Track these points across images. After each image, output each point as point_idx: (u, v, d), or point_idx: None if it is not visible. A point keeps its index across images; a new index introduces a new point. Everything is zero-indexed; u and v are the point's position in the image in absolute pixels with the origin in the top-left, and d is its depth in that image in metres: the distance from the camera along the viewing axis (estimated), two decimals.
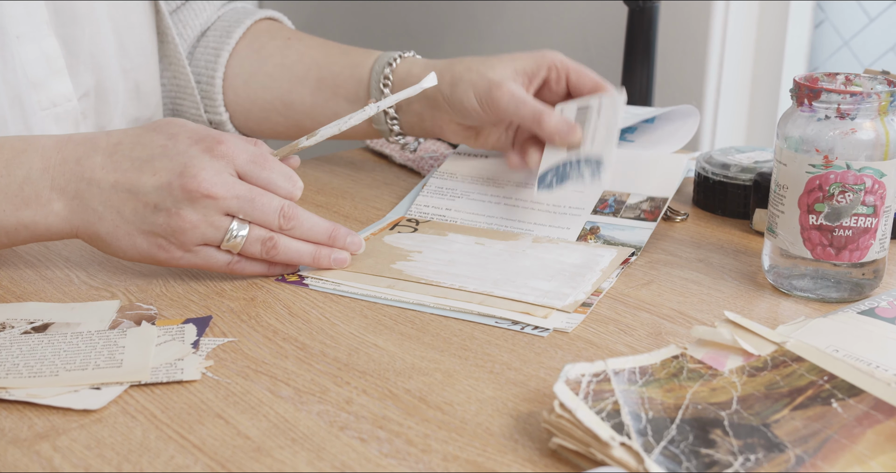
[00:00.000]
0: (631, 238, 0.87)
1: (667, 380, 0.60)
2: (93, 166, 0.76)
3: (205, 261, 0.76)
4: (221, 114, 1.07)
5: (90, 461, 0.56)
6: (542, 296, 0.76)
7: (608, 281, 0.80)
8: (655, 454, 0.54)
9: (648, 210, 0.90)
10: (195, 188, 0.74)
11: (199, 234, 0.75)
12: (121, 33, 1.00)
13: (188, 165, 0.74)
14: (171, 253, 0.76)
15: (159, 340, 0.69)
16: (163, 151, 0.76)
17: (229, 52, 1.06)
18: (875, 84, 0.76)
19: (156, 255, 0.76)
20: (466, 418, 0.61)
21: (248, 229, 0.76)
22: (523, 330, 0.72)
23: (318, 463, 0.56)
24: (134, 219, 0.75)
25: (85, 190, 0.76)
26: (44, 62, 0.92)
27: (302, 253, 0.79)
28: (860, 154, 0.74)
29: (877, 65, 1.46)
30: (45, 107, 0.93)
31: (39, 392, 0.62)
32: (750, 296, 0.78)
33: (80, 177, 0.76)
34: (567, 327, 0.72)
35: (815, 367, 0.61)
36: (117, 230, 0.75)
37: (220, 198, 0.74)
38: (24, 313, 0.73)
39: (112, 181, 0.75)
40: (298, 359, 0.67)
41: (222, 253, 0.77)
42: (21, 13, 0.90)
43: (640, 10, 1.32)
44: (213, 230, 0.75)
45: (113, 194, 0.75)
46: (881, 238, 0.76)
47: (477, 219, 0.92)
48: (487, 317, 0.74)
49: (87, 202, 0.76)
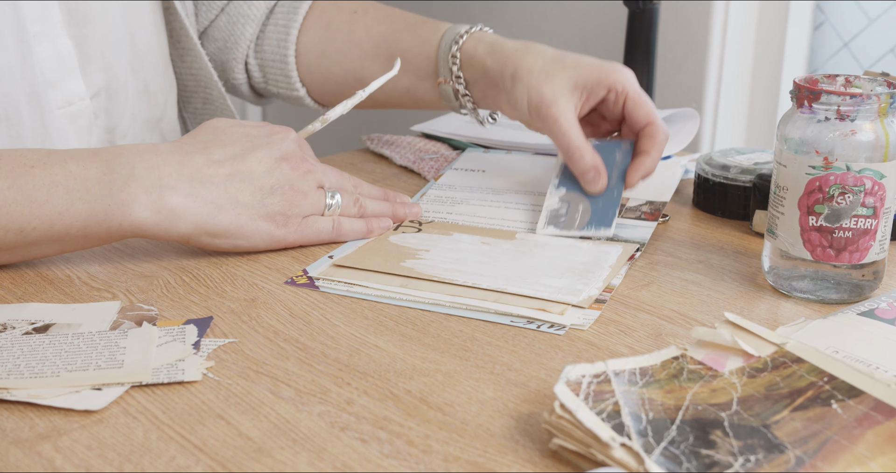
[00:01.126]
0: (633, 235, 0.88)
1: (667, 381, 0.60)
2: (198, 166, 0.81)
3: (314, 230, 0.84)
4: (299, 90, 1.10)
5: (91, 461, 0.56)
6: (555, 293, 0.76)
7: (617, 278, 0.80)
8: (656, 455, 0.54)
9: (649, 212, 0.93)
10: (298, 166, 0.84)
11: (309, 204, 0.84)
12: (133, 34, 1.00)
13: (282, 149, 0.83)
14: (288, 227, 0.83)
15: (160, 341, 0.69)
16: (251, 143, 0.83)
17: (298, 29, 1.09)
18: (875, 86, 0.76)
19: (274, 233, 0.82)
20: (467, 419, 0.61)
21: (340, 194, 0.86)
22: (539, 328, 0.72)
23: (319, 464, 0.56)
24: (253, 202, 0.81)
25: (199, 188, 0.80)
26: (58, 61, 0.93)
27: (383, 207, 0.90)
28: (860, 155, 0.74)
29: (877, 66, 1.46)
30: (60, 105, 0.94)
31: (41, 392, 0.62)
32: (750, 298, 0.78)
33: (191, 178, 0.80)
34: (584, 324, 0.72)
35: (815, 368, 0.61)
36: (240, 217, 0.81)
37: (315, 172, 0.85)
38: (25, 314, 0.73)
39: (224, 176, 0.81)
40: (299, 360, 0.68)
41: (325, 219, 0.85)
42: (37, 12, 0.91)
43: (640, 11, 1.33)
44: (318, 198, 0.85)
45: (229, 187, 0.81)
46: (881, 239, 0.76)
47: (479, 221, 0.92)
48: (504, 316, 0.74)
49: (204, 199, 0.80)
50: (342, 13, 1.08)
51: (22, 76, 0.89)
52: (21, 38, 0.89)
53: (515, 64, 0.94)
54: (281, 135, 0.85)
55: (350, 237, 0.87)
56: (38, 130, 0.92)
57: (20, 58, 0.89)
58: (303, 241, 0.85)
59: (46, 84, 0.92)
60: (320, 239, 0.85)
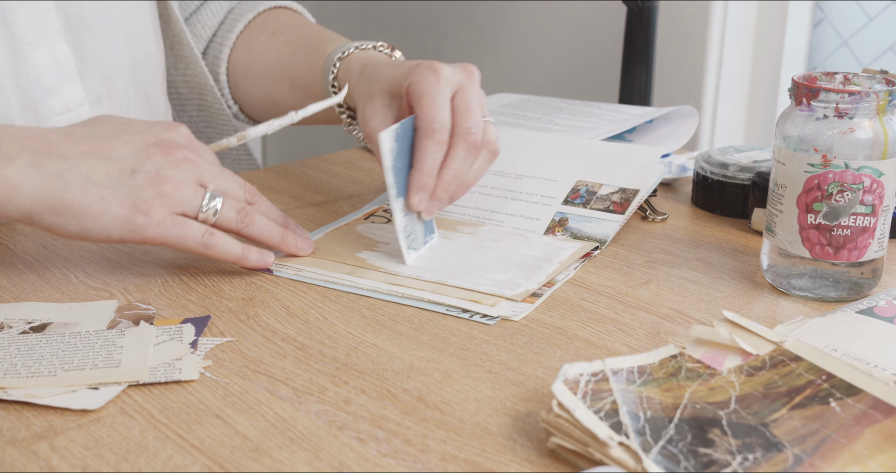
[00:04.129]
0: (597, 231, 0.87)
1: (665, 380, 0.60)
2: (50, 141, 0.73)
3: (180, 231, 0.73)
4: (232, 107, 1.10)
5: (88, 461, 0.56)
6: (493, 286, 0.78)
7: (564, 274, 0.81)
8: (654, 453, 0.54)
9: (618, 202, 0.89)
10: (175, 150, 0.74)
11: (178, 197, 0.73)
12: (133, 42, 1.00)
13: (159, 137, 0.75)
14: (150, 217, 0.72)
15: (157, 340, 0.68)
16: (125, 129, 0.75)
17: (230, 48, 1.08)
18: (873, 83, 0.76)
19: (131, 220, 0.72)
20: (465, 417, 0.61)
21: (223, 198, 0.75)
22: (472, 318, 0.73)
23: (317, 463, 0.56)
24: (108, 182, 0.72)
25: (44, 160, 0.71)
26: (56, 67, 0.93)
27: (273, 229, 0.79)
28: (858, 153, 0.74)
29: (876, 64, 1.46)
30: (59, 112, 0.93)
31: (37, 392, 0.62)
32: (748, 296, 0.78)
33: (37, 151, 0.72)
34: (513, 315, 0.73)
35: (814, 367, 0.61)
36: (87, 195, 0.71)
37: (196, 163, 0.75)
38: (22, 313, 0.73)
39: (78, 152, 0.72)
40: (297, 359, 0.67)
41: (197, 224, 0.74)
42: (33, 19, 0.90)
43: (639, 10, 1.32)
44: (191, 193, 0.74)
45: (81, 162, 0.72)
46: (879, 237, 0.76)
47: (451, 209, 0.92)
48: (438, 305, 0.75)
49: (46, 171, 0.71)
50: (263, 34, 1.07)
51: (17, 84, 0.89)
52: (14, 46, 0.89)
53: (356, 92, 0.89)
54: (166, 127, 0.76)
55: (219, 255, 0.76)
56: None
57: (13, 65, 0.89)
58: (165, 240, 0.73)
59: (44, 91, 0.92)
60: (186, 246, 0.74)
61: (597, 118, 1.06)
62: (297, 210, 0.95)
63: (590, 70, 1.63)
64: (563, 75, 1.67)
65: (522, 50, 1.72)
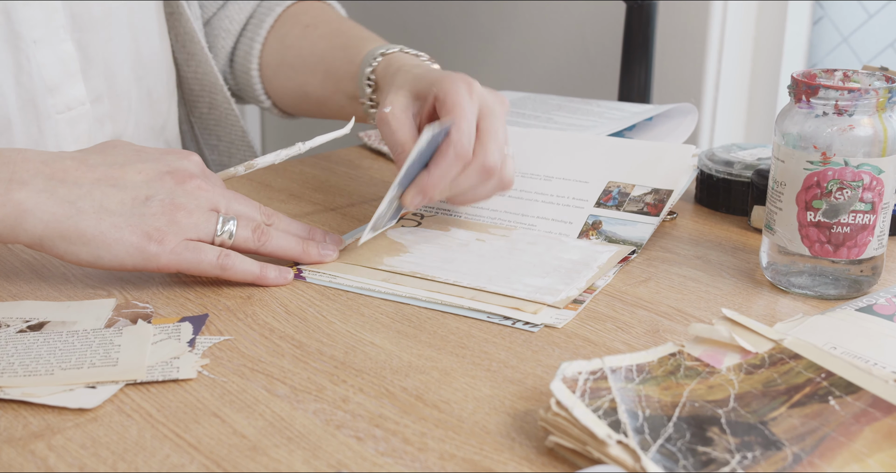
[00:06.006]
0: (632, 234, 0.86)
1: (664, 378, 0.60)
2: (64, 168, 0.73)
3: (195, 256, 0.73)
4: (265, 101, 1.11)
5: (85, 460, 0.56)
6: (534, 292, 0.76)
7: (603, 279, 0.80)
8: (652, 452, 0.54)
9: (651, 203, 0.88)
10: (188, 179, 0.75)
11: (192, 224, 0.73)
12: (138, 40, 1.00)
13: (172, 165, 0.75)
14: (163, 245, 0.72)
15: (155, 338, 0.68)
16: (139, 157, 0.76)
17: (261, 42, 1.09)
18: (873, 80, 0.76)
19: (145, 249, 0.72)
20: (463, 416, 0.61)
21: (237, 220, 0.76)
22: (514, 325, 0.72)
23: (315, 462, 0.56)
24: (122, 210, 0.72)
25: (57, 186, 0.71)
26: (59, 66, 0.93)
27: (291, 243, 0.78)
28: (858, 150, 0.73)
29: (875, 61, 1.46)
30: (59, 110, 0.93)
31: (35, 391, 0.62)
32: (748, 293, 0.78)
33: (50, 176, 0.72)
34: (557, 322, 0.72)
35: (813, 364, 0.61)
36: (101, 223, 0.71)
37: (209, 191, 0.75)
38: (19, 311, 0.73)
39: (92, 179, 0.73)
40: (295, 358, 0.67)
41: (212, 248, 0.74)
42: (39, 18, 0.90)
43: (639, 8, 1.32)
44: (205, 219, 0.74)
45: (94, 190, 0.72)
46: (879, 234, 0.76)
47: (480, 213, 0.91)
48: (479, 312, 0.74)
49: (59, 197, 0.71)
50: (296, 27, 1.08)
51: (17, 82, 0.89)
52: (15, 45, 0.89)
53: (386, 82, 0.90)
54: (178, 156, 0.77)
55: (237, 276, 0.75)
56: (34, 136, 0.92)
57: (14, 64, 0.89)
58: (180, 266, 0.73)
59: (45, 89, 0.92)
60: (202, 270, 0.74)
61: (596, 116, 1.06)
62: (297, 210, 0.95)
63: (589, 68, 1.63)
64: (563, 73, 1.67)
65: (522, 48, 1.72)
